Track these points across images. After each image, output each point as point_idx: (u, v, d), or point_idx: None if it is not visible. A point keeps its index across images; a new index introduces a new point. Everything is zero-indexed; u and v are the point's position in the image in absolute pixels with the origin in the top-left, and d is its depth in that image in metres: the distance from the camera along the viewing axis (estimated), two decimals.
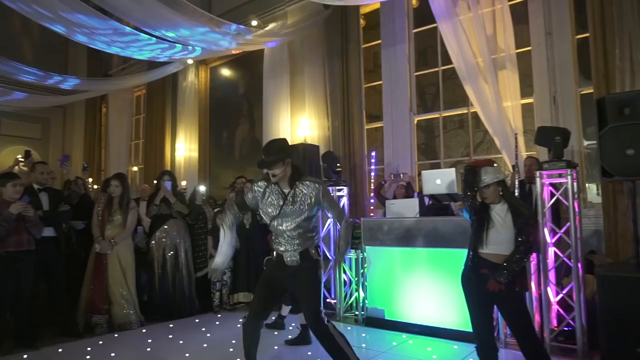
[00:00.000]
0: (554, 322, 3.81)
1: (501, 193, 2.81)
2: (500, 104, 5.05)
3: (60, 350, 3.95)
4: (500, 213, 2.78)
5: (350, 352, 2.93)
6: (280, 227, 2.98)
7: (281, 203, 2.94)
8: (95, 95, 10.23)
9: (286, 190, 2.95)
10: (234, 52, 7.29)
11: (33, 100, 9.40)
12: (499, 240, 2.74)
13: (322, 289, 3.10)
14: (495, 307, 2.89)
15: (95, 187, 6.98)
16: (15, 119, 10.64)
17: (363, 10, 6.89)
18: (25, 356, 3.81)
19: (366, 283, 4.86)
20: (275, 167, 2.87)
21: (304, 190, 2.94)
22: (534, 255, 3.79)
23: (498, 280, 2.66)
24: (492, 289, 2.67)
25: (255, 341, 3.09)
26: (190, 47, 6.72)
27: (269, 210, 3.00)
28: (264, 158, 2.92)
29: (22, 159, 5.31)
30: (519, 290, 2.76)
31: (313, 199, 2.94)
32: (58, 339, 4.34)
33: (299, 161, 4.97)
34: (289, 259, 2.97)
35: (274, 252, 3.08)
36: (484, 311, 2.82)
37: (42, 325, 4.40)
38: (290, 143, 3.20)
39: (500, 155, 5.22)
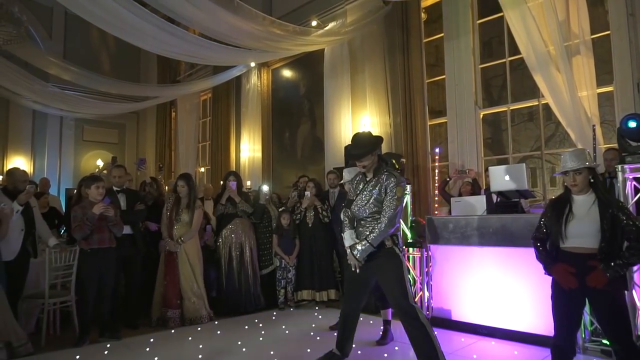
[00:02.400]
0: None
1: (592, 181, 2.62)
2: (575, 94, 4.73)
3: (140, 341, 4.20)
4: (584, 204, 2.60)
5: (438, 346, 2.98)
6: (357, 212, 3.20)
7: (360, 187, 3.21)
8: (165, 100, 10.83)
9: (369, 178, 3.20)
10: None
11: (110, 107, 10.15)
12: (581, 232, 2.56)
13: (407, 277, 3.14)
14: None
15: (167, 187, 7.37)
16: (95, 126, 11.53)
17: (424, 4, 6.73)
18: (108, 345, 4.10)
19: (431, 282, 4.75)
20: (365, 159, 3.12)
21: (384, 179, 3.12)
22: None
23: (609, 274, 2.41)
24: (595, 284, 2.43)
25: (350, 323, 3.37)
26: None
27: (351, 195, 3.29)
28: (353, 151, 3.15)
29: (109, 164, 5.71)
30: (618, 284, 2.52)
31: (384, 188, 3.10)
32: (134, 331, 4.63)
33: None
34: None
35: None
36: (574, 310, 2.61)
37: (120, 317, 4.70)
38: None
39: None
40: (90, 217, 4.09)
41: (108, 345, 4.08)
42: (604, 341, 3.45)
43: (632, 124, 3.53)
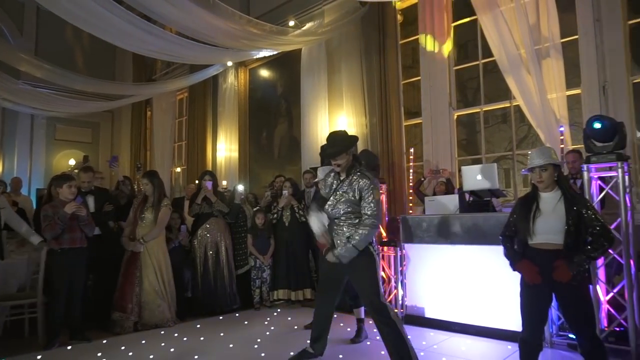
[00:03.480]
0: (604, 323, 3.63)
1: (556, 179, 2.69)
2: (545, 96, 4.86)
3: (110, 343, 4.12)
4: (551, 201, 2.66)
5: (409, 343, 3.03)
6: (330, 212, 3.20)
7: (334, 187, 3.19)
8: (140, 99, 10.63)
9: (342, 177, 3.20)
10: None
11: (84, 105, 9.92)
12: (548, 229, 2.62)
13: (379, 276, 3.18)
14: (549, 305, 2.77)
15: None
16: (68, 124, 11.25)
17: (400, 6, 6.81)
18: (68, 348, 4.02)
19: (405, 280, 4.81)
20: (340, 157, 3.11)
21: (357, 179, 3.12)
22: None
23: (572, 269, 2.48)
24: (560, 279, 2.51)
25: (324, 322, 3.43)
26: None
27: (323, 192, 3.29)
28: (328, 149, 3.16)
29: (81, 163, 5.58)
30: (583, 278, 2.59)
31: (357, 189, 3.10)
32: (105, 333, 4.52)
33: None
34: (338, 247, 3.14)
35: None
36: (541, 306, 2.68)
37: (91, 319, 4.60)
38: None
39: None
40: (62, 216, 4.01)
41: (78, 348, 4.00)
42: (571, 335, 3.56)
43: (597, 125, 3.63)
